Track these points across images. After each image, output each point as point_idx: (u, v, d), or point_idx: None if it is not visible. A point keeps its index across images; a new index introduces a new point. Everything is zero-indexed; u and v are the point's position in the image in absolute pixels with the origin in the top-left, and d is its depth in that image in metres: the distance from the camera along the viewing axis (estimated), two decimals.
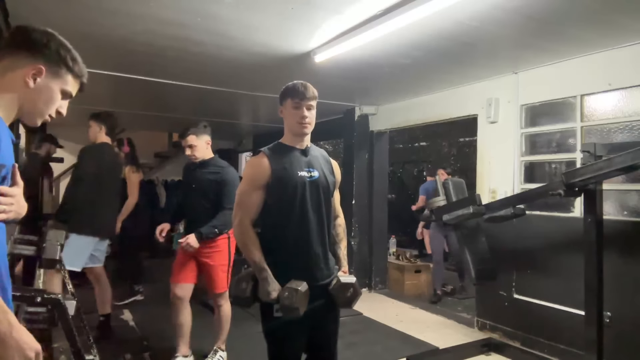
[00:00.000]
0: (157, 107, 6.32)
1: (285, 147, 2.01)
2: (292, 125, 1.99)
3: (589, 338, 2.70)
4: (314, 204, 1.96)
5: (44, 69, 1.19)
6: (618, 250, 3.13)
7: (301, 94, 1.95)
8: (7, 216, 1.14)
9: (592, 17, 2.78)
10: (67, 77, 1.24)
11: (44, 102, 1.23)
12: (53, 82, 1.22)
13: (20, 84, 1.18)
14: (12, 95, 1.18)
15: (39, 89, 1.20)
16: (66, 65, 1.24)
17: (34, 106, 1.22)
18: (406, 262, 5.86)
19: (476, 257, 3.31)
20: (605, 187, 2.91)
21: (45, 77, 1.20)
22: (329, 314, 2.02)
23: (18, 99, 1.19)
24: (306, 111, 1.96)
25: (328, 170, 2.08)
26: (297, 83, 1.99)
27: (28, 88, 1.18)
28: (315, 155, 2.07)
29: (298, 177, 1.94)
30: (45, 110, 1.24)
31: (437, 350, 3.74)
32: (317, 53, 3.46)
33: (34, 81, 1.18)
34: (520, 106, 4.02)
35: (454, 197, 3.41)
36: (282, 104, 2.03)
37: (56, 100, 1.25)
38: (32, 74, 1.18)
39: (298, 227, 1.93)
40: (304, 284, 1.82)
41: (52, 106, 1.25)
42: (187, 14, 2.79)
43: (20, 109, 1.20)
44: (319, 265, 1.97)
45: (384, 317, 4.63)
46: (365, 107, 5.82)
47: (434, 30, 3.00)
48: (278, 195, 1.92)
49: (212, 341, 3.43)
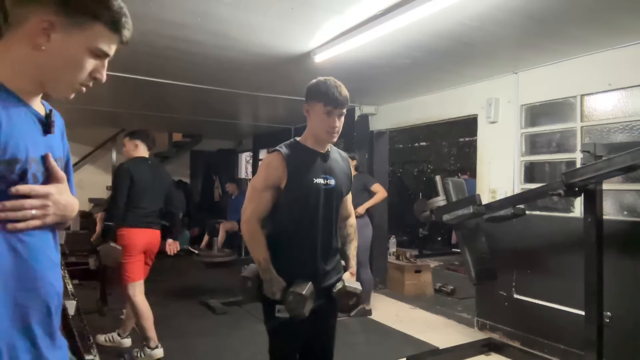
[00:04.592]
0: (157, 107, 6.32)
1: (305, 150, 1.91)
2: (319, 132, 1.87)
3: (589, 338, 2.70)
4: (324, 213, 1.91)
5: (57, 20, 0.89)
6: (618, 250, 3.13)
7: (335, 100, 1.81)
8: (44, 221, 0.91)
9: (592, 17, 2.78)
10: (95, 29, 0.92)
11: (66, 66, 0.93)
12: (73, 38, 0.91)
13: (29, 45, 0.89)
14: (24, 63, 0.90)
15: (54, 50, 0.90)
16: (90, 12, 0.91)
17: (54, 73, 0.93)
18: (406, 262, 5.85)
19: (476, 257, 3.31)
20: (605, 187, 2.91)
21: (61, 33, 0.89)
22: (328, 311, 2.01)
23: (32, 66, 0.91)
24: (337, 120, 1.84)
25: (346, 175, 2.02)
26: (331, 84, 1.83)
27: (40, 50, 0.89)
28: (335, 158, 1.99)
29: (313, 185, 1.86)
30: (73, 78, 0.94)
31: (437, 350, 3.74)
32: (317, 53, 3.46)
33: (46, 40, 0.89)
34: (520, 106, 4.02)
35: (454, 197, 3.41)
36: (308, 103, 1.88)
37: (84, 63, 0.94)
38: (41, 31, 0.88)
39: (305, 235, 1.90)
40: (309, 285, 1.80)
41: (81, 71, 0.94)
42: (187, 14, 2.79)
43: (40, 78, 0.93)
44: (322, 273, 1.94)
45: (384, 317, 4.63)
46: (365, 107, 5.82)
47: (434, 30, 3.00)
48: (290, 200, 1.88)
49: (212, 341, 3.43)
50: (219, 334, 3.97)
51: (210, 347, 3.60)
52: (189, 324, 4.24)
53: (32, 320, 0.92)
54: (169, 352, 3.34)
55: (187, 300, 5.02)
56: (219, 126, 8.05)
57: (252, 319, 4.05)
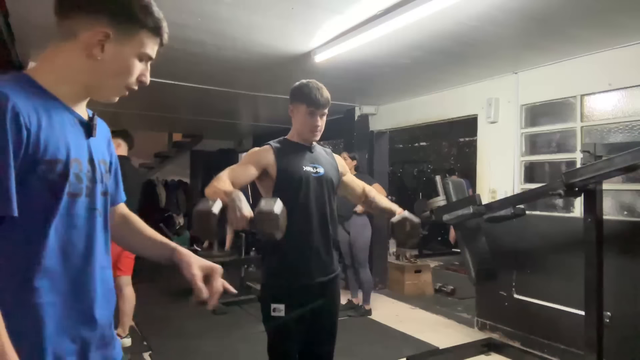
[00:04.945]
0: (157, 107, 6.31)
1: (292, 143, 2.02)
2: (303, 131, 1.98)
3: (589, 338, 2.70)
4: (317, 200, 1.95)
5: (111, 32, 0.92)
6: (618, 250, 3.13)
7: (317, 102, 1.92)
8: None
9: (592, 17, 2.78)
10: (141, 36, 0.97)
11: (117, 74, 0.98)
12: (125, 47, 0.95)
13: (83, 56, 0.93)
14: (73, 70, 0.94)
15: (108, 59, 0.94)
16: (138, 21, 0.96)
17: (103, 81, 0.98)
18: (406, 262, 5.85)
19: (476, 257, 3.30)
20: (605, 187, 2.91)
21: (114, 42, 0.93)
22: (328, 310, 2.01)
23: (83, 74, 0.95)
24: (319, 120, 1.95)
25: (333, 167, 2.09)
26: (313, 87, 1.94)
27: (95, 60, 0.93)
28: (320, 152, 2.09)
29: (303, 172, 1.93)
30: (121, 84, 1.00)
31: (437, 350, 3.74)
32: (317, 53, 3.46)
33: (101, 50, 0.93)
34: (520, 106, 4.02)
35: (454, 197, 3.40)
36: (293, 104, 2.00)
37: (133, 69, 0.98)
38: (97, 42, 0.92)
39: (300, 222, 1.90)
40: (277, 200, 1.57)
41: (131, 76, 0.99)
42: (187, 14, 2.79)
43: (88, 84, 0.97)
44: (319, 261, 1.95)
45: (384, 317, 4.63)
46: (365, 107, 5.82)
47: (434, 30, 3.00)
48: (282, 189, 1.90)
49: (212, 341, 3.43)
50: (219, 334, 3.97)
51: (210, 347, 3.60)
52: (189, 324, 4.24)
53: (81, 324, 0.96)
54: (169, 352, 3.34)
55: (187, 300, 5.02)
56: (219, 126, 8.04)
57: (252, 319, 4.05)
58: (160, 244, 1.18)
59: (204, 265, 1.12)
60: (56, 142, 0.90)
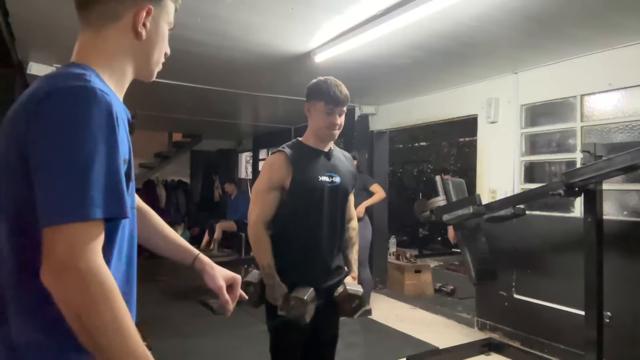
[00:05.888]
0: (157, 107, 6.32)
1: (308, 149, 1.93)
2: (320, 130, 1.90)
3: (589, 338, 2.70)
4: (329, 211, 1.91)
5: (152, 6, 0.91)
6: (618, 250, 3.13)
7: (336, 99, 1.86)
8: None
9: (592, 17, 2.78)
10: (167, 4, 0.96)
11: (159, 46, 0.96)
12: (160, 19, 0.94)
13: (129, 37, 0.90)
14: (124, 56, 0.91)
15: (152, 35, 0.92)
16: None
17: (150, 56, 0.95)
18: (406, 262, 5.85)
19: (476, 257, 3.31)
20: (605, 187, 2.91)
21: (154, 16, 0.92)
22: (331, 310, 2.01)
23: (131, 55, 0.92)
24: (338, 118, 1.89)
25: (350, 174, 2.03)
26: (331, 84, 1.88)
27: (140, 39, 0.91)
28: (339, 157, 2.01)
29: (318, 183, 1.88)
30: (161, 58, 0.98)
31: (437, 350, 3.74)
32: (317, 53, 3.47)
33: (145, 28, 0.91)
34: (520, 106, 4.02)
35: (454, 197, 3.41)
36: (310, 102, 1.93)
37: (166, 38, 0.97)
38: (142, 20, 0.89)
39: (310, 233, 1.89)
40: (311, 290, 1.78)
41: (166, 47, 0.98)
42: (187, 14, 2.79)
43: (136, 64, 0.94)
44: (326, 271, 1.94)
45: (384, 317, 4.63)
46: (365, 107, 5.82)
47: (434, 30, 3.00)
48: (295, 199, 1.87)
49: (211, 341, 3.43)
50: (219, 334, 3.97)
51: (210, 347, 3.60)
52: (189, 324, 4.24)
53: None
54: (169, 352, 3.34)
55: (187, 300, 5.02)
56: (219, 126, 8.05)
57: (252, 319, 4.04)
58: (183, 249, 1.19)
59: (227, 276, 1.18)
60: (123, 140, 0.86)
